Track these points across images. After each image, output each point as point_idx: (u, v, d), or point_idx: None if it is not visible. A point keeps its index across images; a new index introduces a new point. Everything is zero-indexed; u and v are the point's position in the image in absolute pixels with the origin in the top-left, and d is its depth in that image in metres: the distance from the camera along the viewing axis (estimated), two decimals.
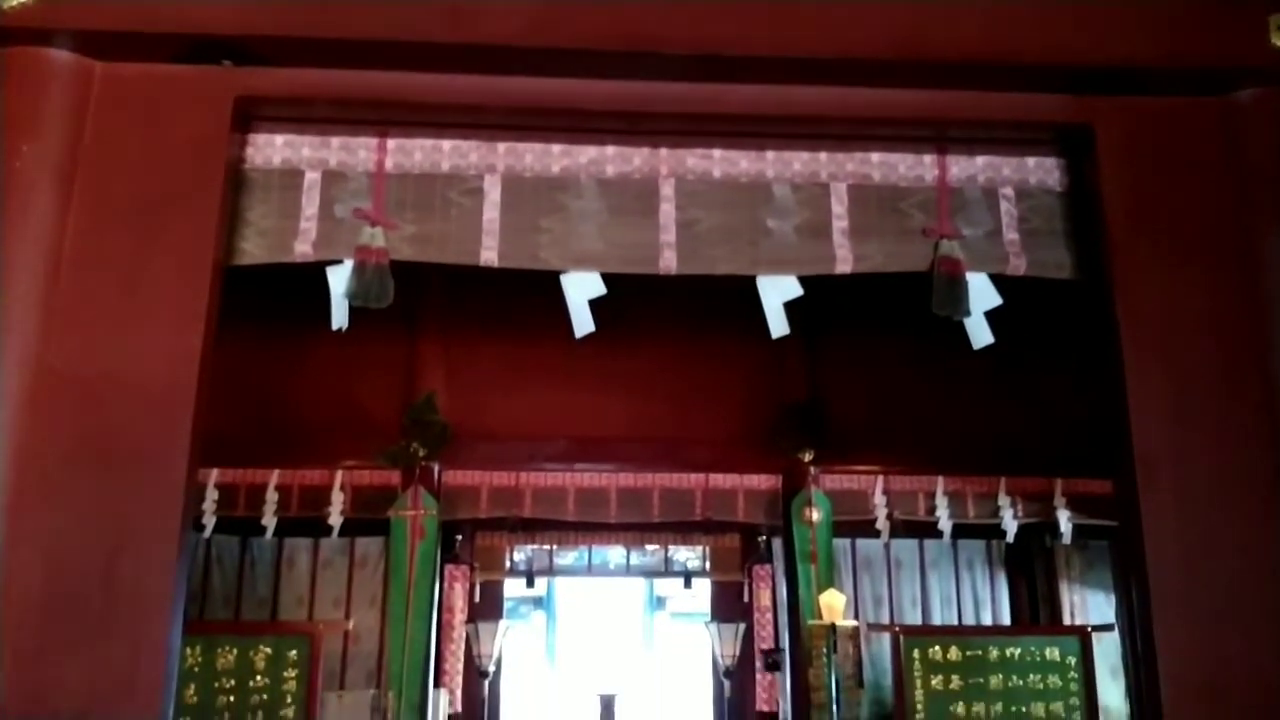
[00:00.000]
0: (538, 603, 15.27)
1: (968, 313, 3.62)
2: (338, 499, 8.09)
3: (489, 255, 3.53)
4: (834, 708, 7.54)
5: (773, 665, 8.97)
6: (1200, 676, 3.20)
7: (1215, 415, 3.37)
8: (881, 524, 8.45)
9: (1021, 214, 3.70)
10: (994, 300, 3.70)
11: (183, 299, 3.20)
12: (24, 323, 3.19)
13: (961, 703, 8.34)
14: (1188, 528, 3.30)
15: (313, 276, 3.72)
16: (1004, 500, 8.47)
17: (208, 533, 8.09)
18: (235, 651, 8.08)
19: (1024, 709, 8.35)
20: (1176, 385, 3.39)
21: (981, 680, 8.39)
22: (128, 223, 3.30)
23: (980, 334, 3.75)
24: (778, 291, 3.69)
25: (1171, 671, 3.21)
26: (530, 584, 10.77)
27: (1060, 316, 6.21)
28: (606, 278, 3.64)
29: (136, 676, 3.00)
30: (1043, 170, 3.75)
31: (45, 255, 3.26)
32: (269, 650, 8.10)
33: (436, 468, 8.16)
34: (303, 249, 3.49)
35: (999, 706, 8.35)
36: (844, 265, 3.60)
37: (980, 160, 3.73)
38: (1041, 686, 8.44)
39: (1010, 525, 8.44)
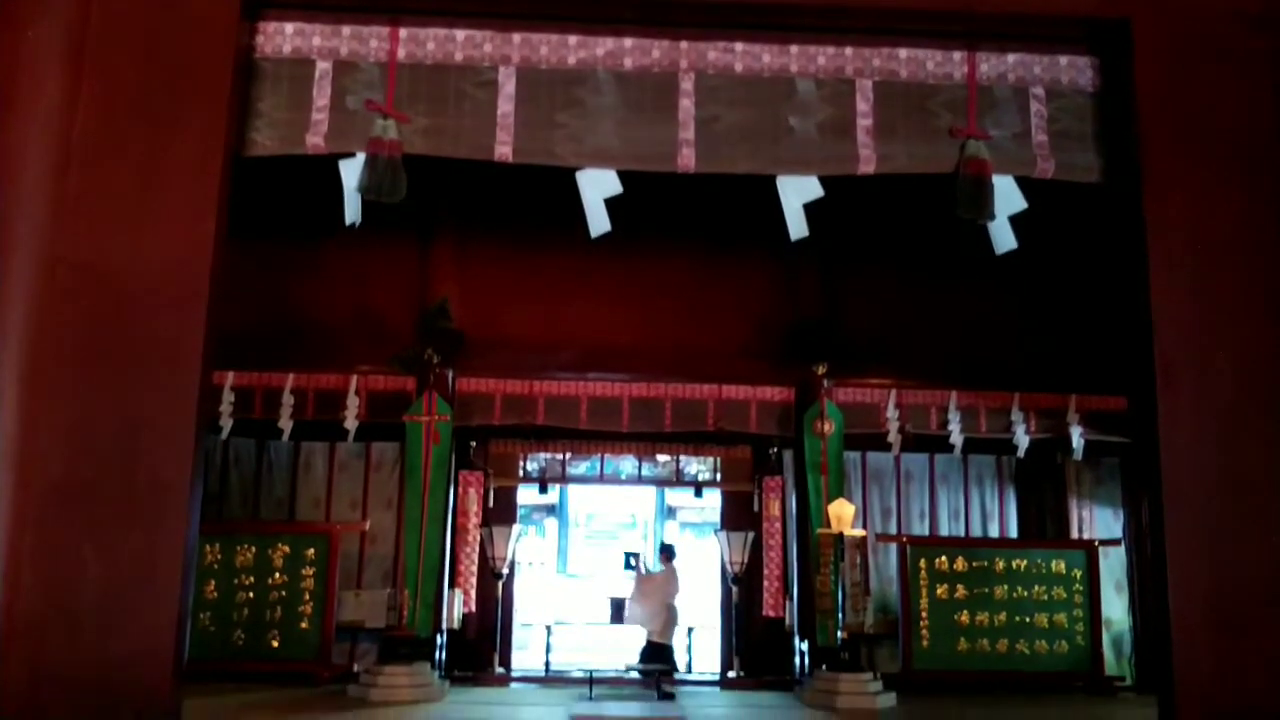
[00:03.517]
0: (550, 510, 15.54)
1: (992, 216, 3.54)
2: (353, 403, 8.16)
3: (503, 150, 3.45)
4: (839, 614, 7.69)
5: (629, 565, 9.13)
6: (1209, 589, 3.19)
7: (1242, 327, 3.30)
8: (893, 437, 8.48)
9: (1051, 115, 3.59)
10: (1019, 204, 3.62)
11: (195, 188, 3.15)
12: (36, 213, 3.17)
13: (966, 611, 8.48)
14: (1206, 440, 3.26)
15: (326, 182, 3.67)
16: (1017, 415, 8.47)
17: (225, 434, 8.18)
18: (254, 549, 8.27)
19: (1028, 619, 8.50)
20: (1203, 295, 3.32)
21: (987, 590, 8.52)
22: (137, 111, 3.24)
23: (1004, 239, 3.67)
24: (798, 192, 3.61)
25: (1181, 584, 3.21)
26: (543, 491, 10.92)
27: (1080, 232, 6.12)
28: (623, 184, 3.57)
29: (156, 565, 3.04)
30: (1075, 69, 3.62)
31: (55, 144, 3.21)
32: (287, 548, 8.28)
33: (450, 374, 8.21)
34: (314, 141, 3.42)
35: (1003, 616, 8.50)
36: (867, 165, 3.51)
37: (1011, 58, 3.60)
38: (1046, 598, 8.57)
39: (1022, 440, 8.46)
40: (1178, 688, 3.17)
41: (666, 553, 9.31)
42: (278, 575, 8.21)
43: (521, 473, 10.01)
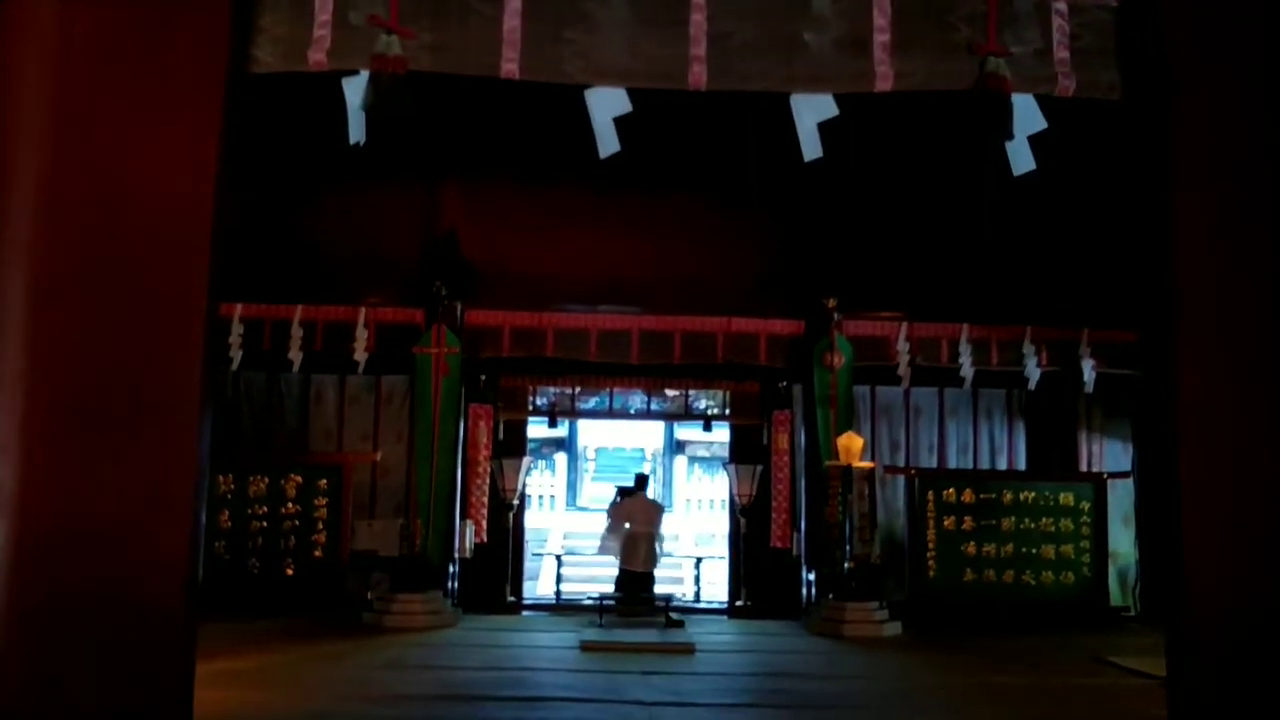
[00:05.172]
0: (560, 444, 15.64)
1: (1011, 136, 3.46)
2: (362, 335, 8.16)
3: (510, 67, 3.37)
4: (847, 545, 7.75)
5: (626, 492, 9.25)
6: (1224, 518, 3.17)
7: (1269, 250, 3.23)
8: (903, 370, 8.45)
9: (1073, 30, 3.47)
10: (1039, 123, 3.53)
11: (198, 103, 3.09)
12: (39, 131, 3.11)
13: (973, 542, 8.54)
14: (1223, 366, 3.21)
15: (333, 114, 3.59)
16: (1028, 349, 8.42)
17: (235, 365, 8.20)
18: (267, 480, 8.35)
19: (1035, 550, 8.56)
20: (1231, 217, 3.24)
21: (994, 522, 8.57)
22: (137, 27, 3.16)
23: (1022, 160, 3.59)
24: (813, 112, 3.53)
25: (1194, 516, 3.18)
26: (553, 424, 10.95)
27: (1094, 165, 5.99)
28: (633, 112, 3.49)
29: (168, 487, 3.05)
30: None
31: (54, 62, 3.14)
32: (300, 479, 8.36)
33: (459, 306, 8.18)
34: (317, 57, 3.34)
35: (1010, 547, 8.56)
36: (884, 83, 3.41)
37: None
38: (1054, 530, 8.62)
39: (1033, 373, 8.42)
40: (1185, 616, 3.17)
41: (640, 482, 9.36)
42: (291, 505, 8.31)
43: (531, 406, 10.03)
